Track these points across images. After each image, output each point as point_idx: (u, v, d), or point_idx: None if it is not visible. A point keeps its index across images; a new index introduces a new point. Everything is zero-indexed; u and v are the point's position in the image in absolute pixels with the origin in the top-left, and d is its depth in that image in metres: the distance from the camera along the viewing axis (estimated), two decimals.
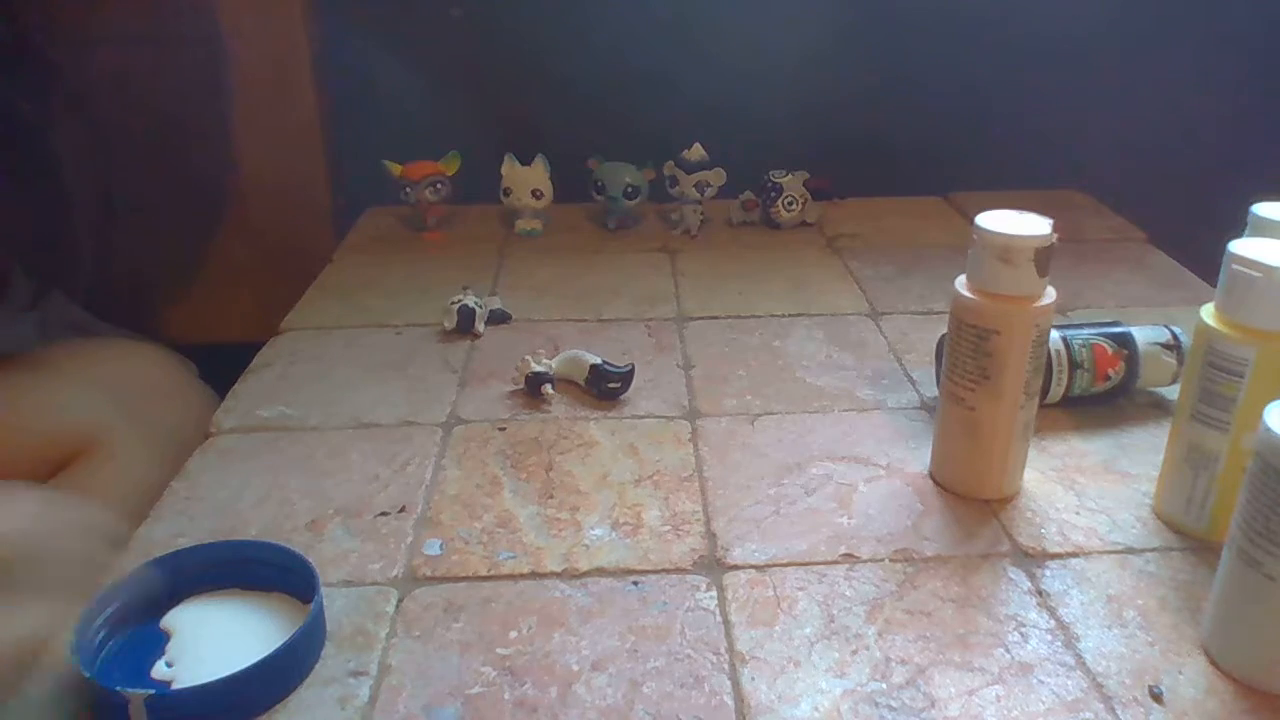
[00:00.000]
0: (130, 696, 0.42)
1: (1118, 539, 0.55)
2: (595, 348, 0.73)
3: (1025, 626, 0.49)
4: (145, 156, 1.07)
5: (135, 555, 0.54)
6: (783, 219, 1.00)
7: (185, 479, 0.61)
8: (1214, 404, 0.52)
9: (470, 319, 0.78)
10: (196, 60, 1.03)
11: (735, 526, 0.56)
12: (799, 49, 1.06)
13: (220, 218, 1.10)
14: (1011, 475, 0.59)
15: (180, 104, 1.06)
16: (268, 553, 0.51)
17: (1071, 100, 1.11)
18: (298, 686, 0.46)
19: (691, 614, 0.50)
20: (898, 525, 0.56)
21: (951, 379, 0.57)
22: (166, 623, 0.49)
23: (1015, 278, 0.53)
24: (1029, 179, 1.06)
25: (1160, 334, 0.67)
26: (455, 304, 0.79)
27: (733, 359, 0.75)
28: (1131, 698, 0.45)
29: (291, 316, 0.83)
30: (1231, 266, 0.50)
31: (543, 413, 0.68)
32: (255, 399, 0.70)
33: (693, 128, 0.99)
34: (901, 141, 1.10)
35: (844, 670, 0.46)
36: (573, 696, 0.45)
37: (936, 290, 0.87)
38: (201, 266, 1.11)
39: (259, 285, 1.08)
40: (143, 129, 1.06)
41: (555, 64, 1.07)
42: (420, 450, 0.64)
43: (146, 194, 1.09)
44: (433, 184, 0.96)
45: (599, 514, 0.57)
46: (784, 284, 0.88)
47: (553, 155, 0.96)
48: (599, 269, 0.92)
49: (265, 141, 1.06)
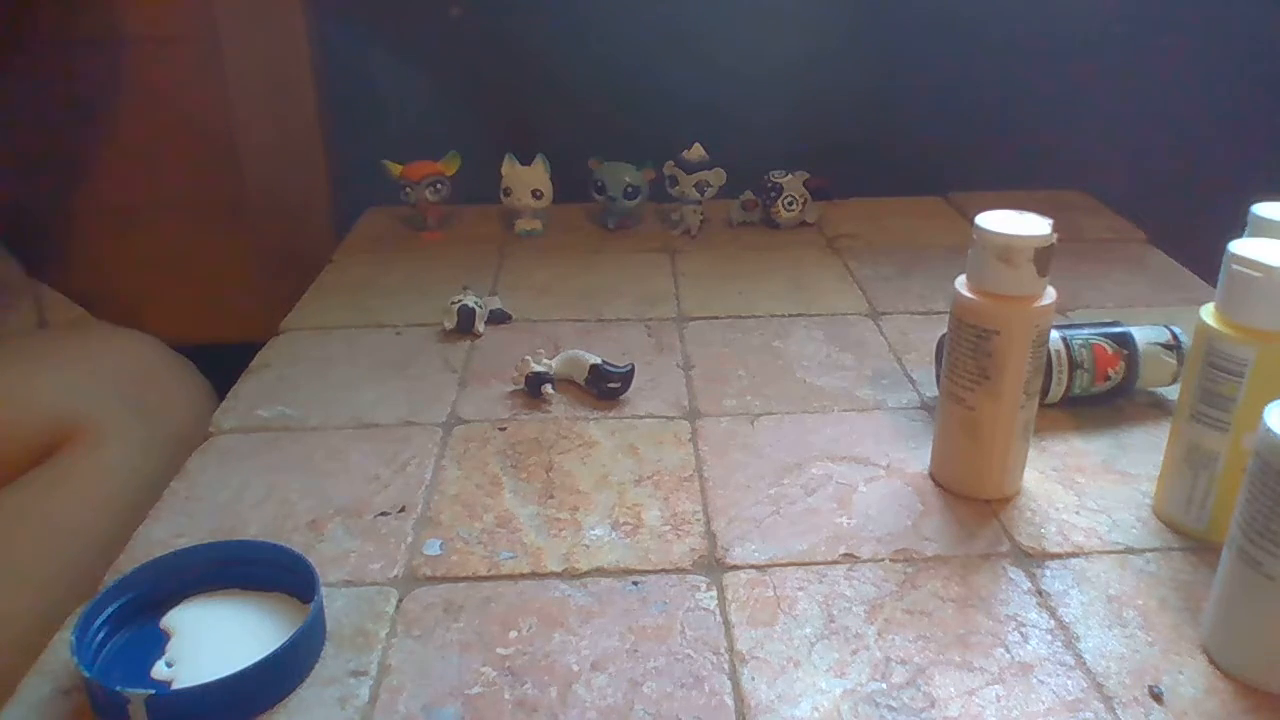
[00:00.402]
0: (130, 696, 0.42)
1: (1118, 539, 0.55)
2: (595, 348, 0.73)
3: (1025, 626, 0.49)
4: (145, 156, 1.07)
5: (135, 555, 0.54)
6: (783, 219, 1.00)
7: (185, 479, 0.61)
8: (1214, 404, 0.52)
9: (470, 319, 0.78)
10: (196, 60, 1.03)
11: (735, 526, 0.56)
12: (799, 49, 1.06)
13: (220, 218, 1.10)
14: (1011, 475, 0.59)
15: (180, 104, 1.06)
16: (268, 553, 0.51)
17: (1071, 100, 1.11)
18: (298, 686, 0.46)
19: (691, 614, 0.50)
20: (898, 525, 0.56)
21: (951, 379, 0.57)
22: (166, 623, 0.49)
23: (1015, 278, 0.53)
24: (1029, 179, 1.06)
25: (1160, 334, 0.67)
26: (455, 304, 0.79)
27: (733, 359, 0.75)
28: (1131, 698, 0.45)
29: (291, 316, 0.83)
30: (1231, 266, 0.50)
31: (543, 413, 0.68)
32: (255, 399, 0.70)
33: (693, 128, 0.99)
34: (901, 141, 1.10)
35: (844, 670, 0.46)
36: (573, 696, 0.45)
37: (936, 290, 0.87)
38: (202, 266, 1.11)
39: (259, 285, 1.08)
40: (143, 129, 1.06)
41: (555, 64, 1.07)
42: (420, 450, 0.64)
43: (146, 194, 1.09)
44: (433, 184, 0.96)
45: (599, 514, 0.57)
46: (784, 284, 0.88)
47: (553, 155, 0.97)
48: (599, 269, 0.92)
49: (265, 142, 1.06)
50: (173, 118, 1.06)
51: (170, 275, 1.11)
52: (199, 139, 1.07)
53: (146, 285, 1.11)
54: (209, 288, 1.12)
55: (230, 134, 1.06)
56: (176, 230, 1.10)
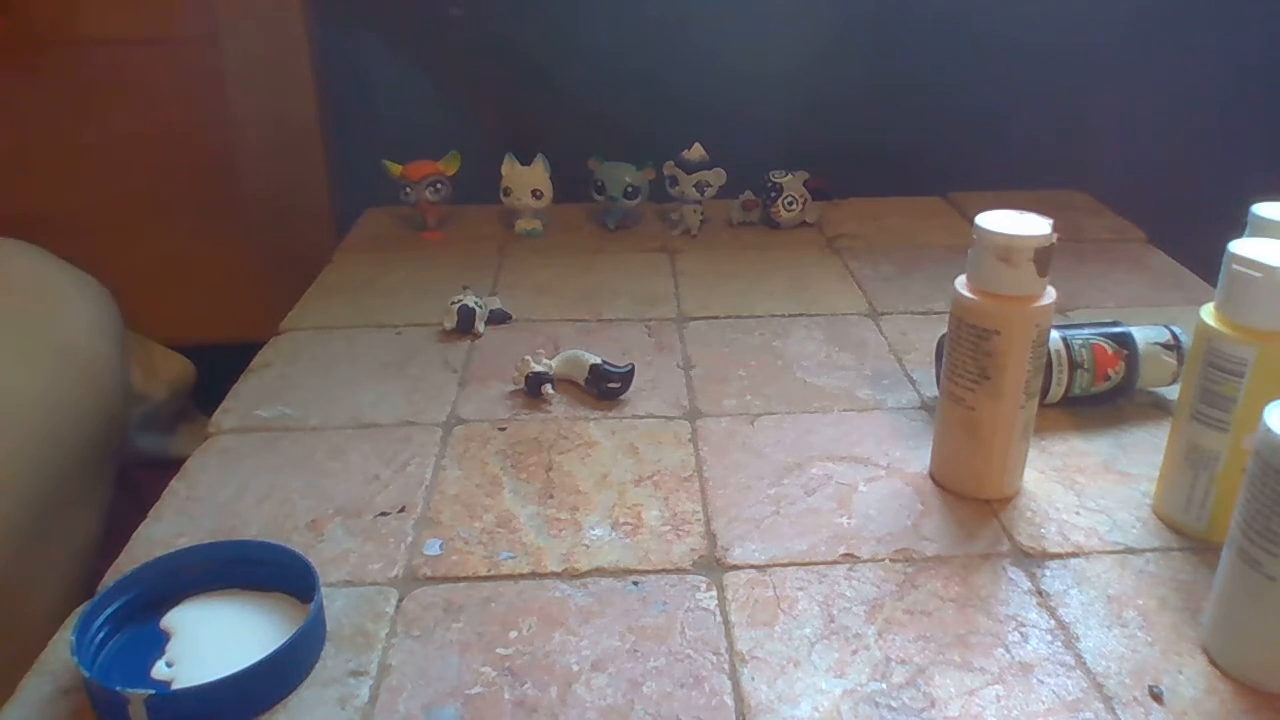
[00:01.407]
0: (130, 696, 0.42)
1: (1118, 539, 0.55)
2: (595, 348, 0.73)
3: (1025, 626, 0.49)
4: (145, 156, 1.08)
5: (135, 555, 0.54)
6: (783, 219, 1.00)
7: (185, 479, 0.61)
8: (1214, 404, 0.52)
9: (470, 319, 0.78)
10: (196, 60, 1.03)
11: (735, 526, 0.56)
12: (799, 49, 1.06)
13: (220, 218, 1.10)
14: (1011, 475, 0.59)
15: (180, 104, 1.06)
16: (268, 553, 0.51)
17: (1071, 100, 1.11)
18: (298, 686, 0.46)
19: (691, 614, 0.50)
20: (898, 525, 0.56)
21: (951, 379, 0.57)
22: (166, 623, 0.49)
23: (1015, 278, 0.53)
24: (1029, 179, 1.06)
25: (1160, 334, 0.67)
26: (455, 304, 0.79)
27: (733, 359, 0.75)
28: (1131, 698, 0.45)
29: (291, 316, 0.83)
30: (1231, 266, 0.50)
31: (543, 413, 0.68)
32: (255, 399, 0.70)
33: (693, 128, 0.99)
34: (901, 141, 1.10)
35: (844, 670, 0.46)
36: (573, 696, 0.45)
37: (936, 290, 0.87)
38: (202, 266, 1.11)
39: (259, 285, 1.08)
40: (143, 129, 1.06)
41: (555, 64, 1.07)
42: (420, 450, 0.64)
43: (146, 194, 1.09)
44: (433, 184, 0.96)
45: (599, 514, 0.57)
46: (784, 284, 0.88)
47: (553, 155, 0.97)
48: (599, 269, 0.92)
49: (265, 141, 1.06)
50: (173, 118, 1.06)
51: (170, 275, 1.11)
52: (199, 139, 1.07)
53: (146, 285, 1.10)
54: (209, 288, 1.12)
55: (230, 134, 1.06)
56: (176, 230, 1.10)
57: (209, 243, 1.10)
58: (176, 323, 1.04)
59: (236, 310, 1.08)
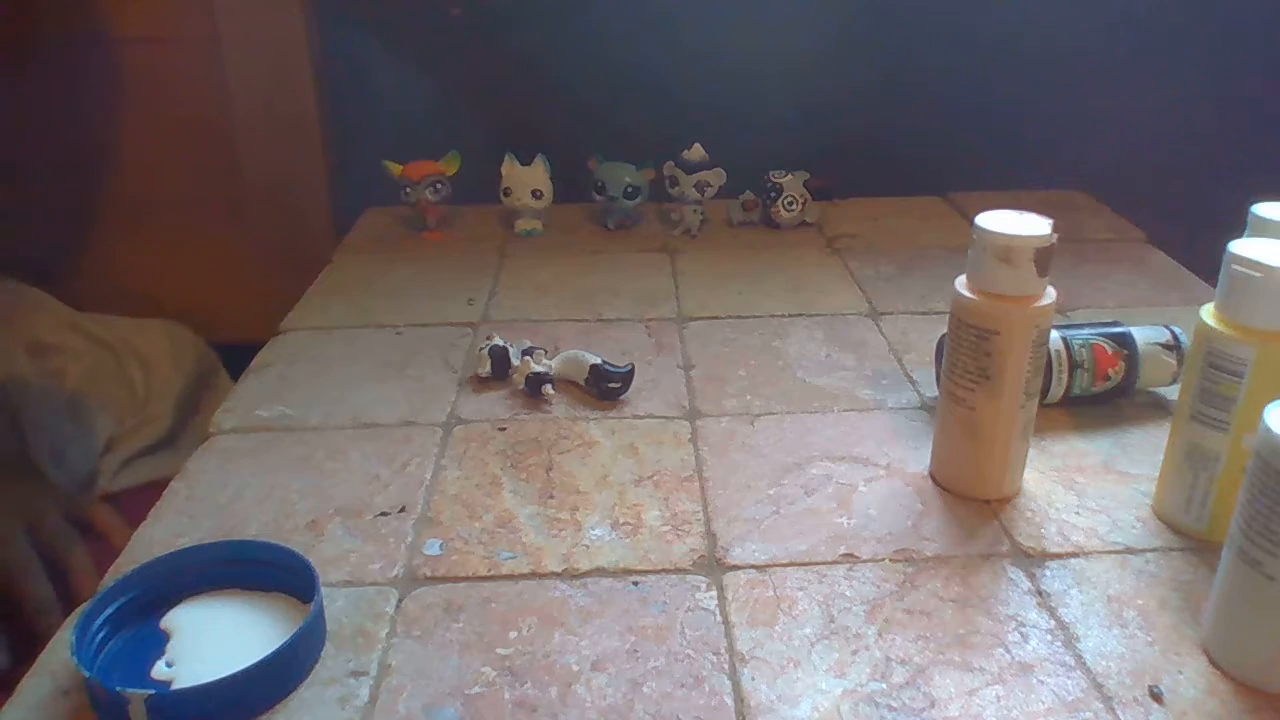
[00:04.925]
0: (130, 696, 0.42)
1: (1118, 539, 0.55)
2: (595, 348, 0.73)
3: (1025, 626, 0.49)
4: (145, 157, 1.08)
5: (135, 555, 0.54)
6: (783, 219, 1.00)
7: (185, 479, 0.61)
8: (1214, 404, 0.52)
9: (505, 360, 0.71)
10: (196, 60, 1.03)
11: (735, 526, 0.56)
12: (799, 49, 1.06)
13: (220, 218, 1.10)
14: (1011, 475, 0.59)
15: (180, 104, 1.06)
16: (268, 553, 0.51)
17: (1071, 100, 1.11)
18: (298, 686, 0.46)
19: (691, 614, 0.50)
20: (898, 525, 0.56)
21: (951, 379, 0.57)
22: (166, 623, 0.49)
23: (1015, 278, 0.53)
24: (1029, 179, 1.06)
25: (1160, 334, 0.67)
26: (485, 348, 0.72)
27: (733, 359, 0.75)
28: (1131, 698, 0.45)
29: (291, 316, 0.83)
30: (1231, 266, 0.50)
31: (543, 413, 0.68)
32: (255, 399, 0.70)
33: (693, 128, 0.99)
34: (901, 141, 1.09)
35: (844, 670, 0.46)
36: (573, 696, 0.45)
37: (936, 290, 0.87)
38: (202, 266, 1.11)
39: (259, 285, 1.08)
40: (143, 129, 1.06)
41: (555, 64, 1.07)
42: (420, 450, 0.64)
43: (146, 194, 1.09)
44: (433, 184, 0.96)
45: (599, 514, 0.57)
46: (784, 284, 0.88)
47: (553, 155, 0.96)
48: (599, 269, 0.92)
49: (265, 141, 1.06)
50: (173, 118, 1.06)
51: (170, 275, 1.11)
52: (199, 139, 1.07)
53: (146, 285, 1.11)
54: (209, 287, 1.12)
55: (230, 134, 1.06)
56: (176, 230, 1.10)
57: (209, 243, 1.10)
58: (176, 323, 1.04)
59: (236, 310, 1.08)
